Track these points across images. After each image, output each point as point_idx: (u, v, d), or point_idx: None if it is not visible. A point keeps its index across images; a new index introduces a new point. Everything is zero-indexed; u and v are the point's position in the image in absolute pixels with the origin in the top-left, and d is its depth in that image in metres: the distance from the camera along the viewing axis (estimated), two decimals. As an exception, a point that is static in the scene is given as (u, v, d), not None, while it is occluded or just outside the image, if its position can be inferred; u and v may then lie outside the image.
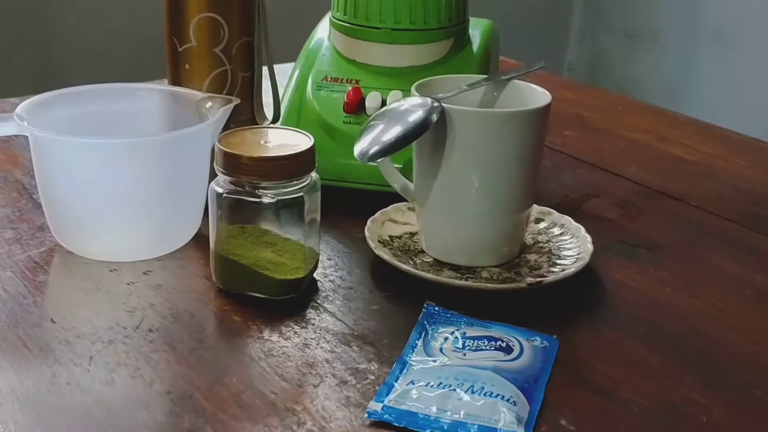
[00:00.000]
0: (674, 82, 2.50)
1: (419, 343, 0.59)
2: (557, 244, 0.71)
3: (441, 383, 0.54)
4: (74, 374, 0.56)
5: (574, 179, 0.89)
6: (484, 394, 0.53)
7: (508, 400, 0.53)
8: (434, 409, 0.52)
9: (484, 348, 0.58)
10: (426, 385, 0.54)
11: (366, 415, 0.52)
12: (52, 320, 0.61)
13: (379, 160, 0.64)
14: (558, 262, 0.68)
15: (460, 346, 0.58)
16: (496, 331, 0.60)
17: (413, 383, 0.55)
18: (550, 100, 0.67)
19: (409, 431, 0.52)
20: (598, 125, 1.05)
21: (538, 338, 0.59)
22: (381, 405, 0.53)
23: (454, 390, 0.54)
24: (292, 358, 0.58)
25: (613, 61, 2.69)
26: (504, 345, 0.58)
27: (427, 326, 0.60)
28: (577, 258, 0.68)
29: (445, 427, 0.52)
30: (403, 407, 0.53)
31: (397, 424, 0.52)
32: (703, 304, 0.67)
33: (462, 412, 0.52)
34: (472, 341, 0.58)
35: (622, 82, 2.61)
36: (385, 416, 0.52)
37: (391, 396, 0.54)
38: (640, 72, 2.60)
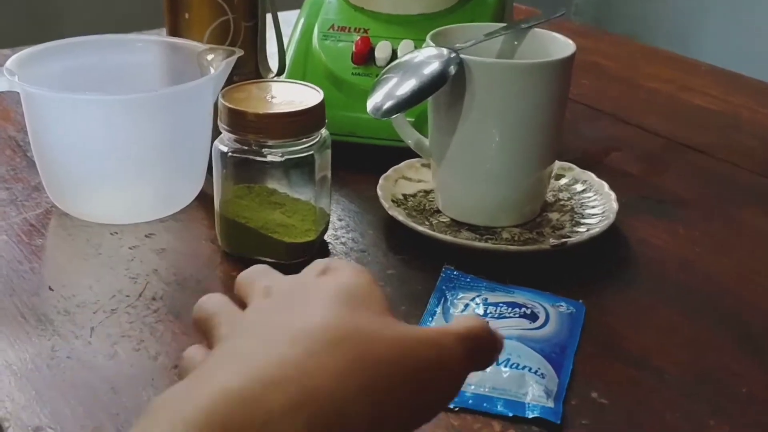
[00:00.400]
0: (685, 26, 2.44)
1: (438, 310, 0.56)
2: (580, 201, 0.68)
3: None
4: (75, 347, 0.52)
5: (594, 132, 0.85)
6: (510, 366, 0.50)
7: (535, 372, 0.50)
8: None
9: (507, 315, 0.54)
10: None
11: None
12: (50, 288, 0.58)
13: (394, 116, 0.60)
14: (581, 221, 0.65)
15: (482, 314, 0.55)
16: (519, 296, 0.57)
17: None
18: (574, 50, 0.63)
19: None
20: (617, 74, 1.00)
21: (563, 304, 0.56)
22: None
23: None
24: (304, 328, 0.55)
25: (621, 4, 2.63)
26: (528, 312, 0.55)
27: (446, 292, 0.57)
28: (601, 217, 0.65)
29: (470, 402, 0.49)
30: None
31: None
32: (734, 265, 0.63)
33: (487, 386, 0.49)
34: (494, 308, 0.55)
35: (629, 26, 2.55)
36: None
37: None
38: (649, 15, 2.53)
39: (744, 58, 1.80)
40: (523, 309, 0.55)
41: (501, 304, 0.55)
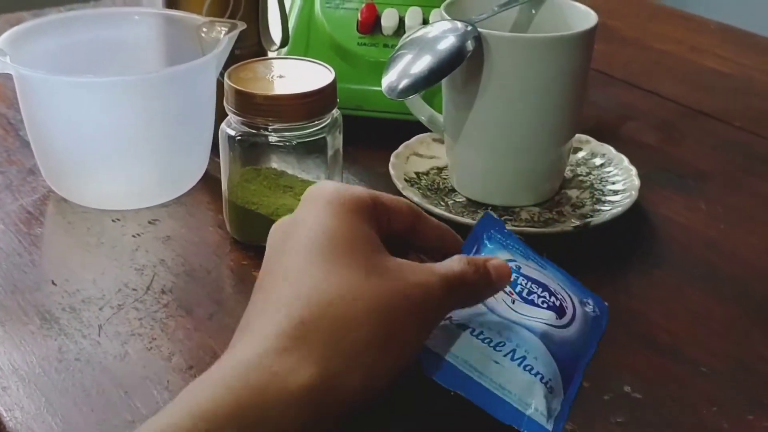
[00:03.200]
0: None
1: None
2: (599, 176, 0.65)
3: (482, 333, 0.43)
4: (83, 348, 0.50)
5: (607, 99, 0.82)
6: (525, 367, 0.44)
7: (546, 384, 0.44)
8: (469, 367, 0.42)
9: (537, 302, 0.47)
10: (467, 329, 0.43)
11: None
12: (53, 282, 0.55)
13: (413, 99, 0.57)
14: (602, 198, 0.63)
15: (511, 286, 0.46)
16: (550, 276, 0.50)
17: (452, 322, 0.43)
18: (596, 21, 0.60)
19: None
20: (624, 35, 0.97)
21: (590, 301, 0.50)
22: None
23: (495, 349, 0.43)
24: (322, 321, 0.52)
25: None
26: (558, 304, 0.49)
27: (484, 240, 0.49)
28: (623, 194, 0.62)
29: (475, 395, 0.41)
30: (438, 350, 0.42)
31: (448, 386, 0.41)
32: (762, 243, 0.61)
33: (496, 381, 0.42)
34: (525, 283, 0.47)
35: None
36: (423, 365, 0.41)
37: (433, 338, 0.42)
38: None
39: (747, 13, 1.76)
40: (553, 299, 0.49)
41: (533, 282, 0.48)
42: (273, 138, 0.56)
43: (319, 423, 0.36)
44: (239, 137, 0.56)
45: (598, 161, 0.67)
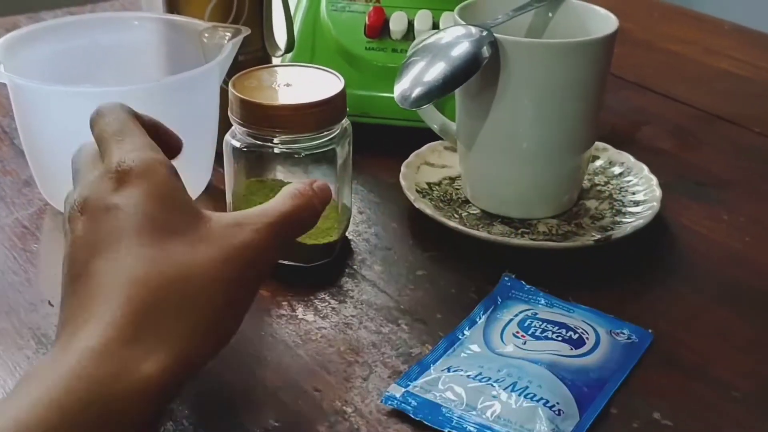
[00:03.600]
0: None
1: (481, 320, 0.51)
2: (618, 186, 0.63)
3: (480, 374, 0.46)
4: (82, 373, 0.47)
5: (620, 103, 0.80)
6: (526, 396, 0.44)
7: (551, 408, 0.44)
8: (462, 404, 0.44)
9: (550, 337, 0.49)
10: (462, 374, 0.46)
11: (381, 399, 0.45)
12: (50, 303, 0.53)
13: (424, 106, 0.55)
14: (623, 209, 0.60)
15: (523, 330, 0.49)
16: (576, 316, 0.51)
17: (449, 370, 0.46)
18: (617, 26, 0.57)
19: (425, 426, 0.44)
20: (636, 36, 0.95)
21: (626, 331, 0.50)
22: (402, 390, 0.45)
23: (492, 385, 0.45)
24: (333, 343, 0.50)
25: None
26: (575, 337, 0.49)
27: (498, 301, 0.52)
28: (644, 205, 0.60)
29: (467, 429, 0.43)
30: (428, 396, 0.45)
31: (413, 416, 0.44)
32: (788, 255, 0.59)
33: (491, 413, 0.44)
34: (539, 325, 0.50)
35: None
36: (402, 405, 0.45)
37: (419, 381, 0.46)
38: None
39: (751, 10, 1.74)
40: (570, 333, 0.49)
41: (549, 323, 0.50)
42: (280, 149, 0.54)
43: (170, 400, 0.38)
44: (245, 149, 0.54)
45: (616, 170, 0.64)
